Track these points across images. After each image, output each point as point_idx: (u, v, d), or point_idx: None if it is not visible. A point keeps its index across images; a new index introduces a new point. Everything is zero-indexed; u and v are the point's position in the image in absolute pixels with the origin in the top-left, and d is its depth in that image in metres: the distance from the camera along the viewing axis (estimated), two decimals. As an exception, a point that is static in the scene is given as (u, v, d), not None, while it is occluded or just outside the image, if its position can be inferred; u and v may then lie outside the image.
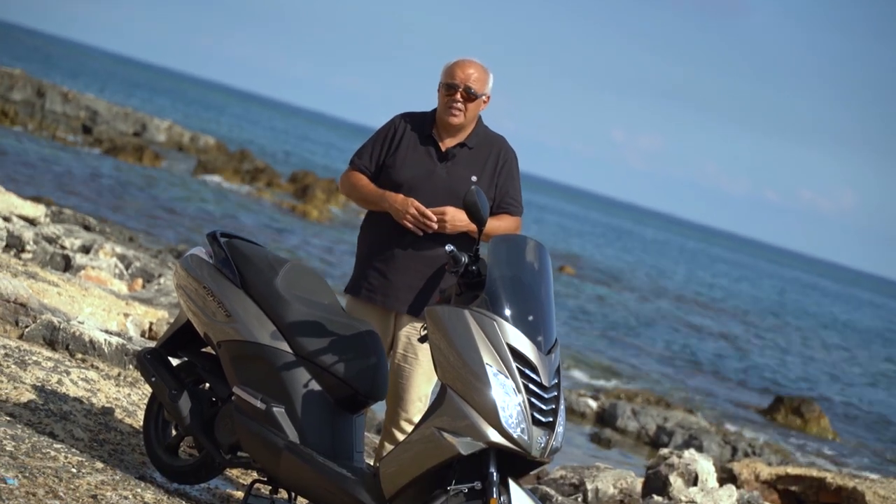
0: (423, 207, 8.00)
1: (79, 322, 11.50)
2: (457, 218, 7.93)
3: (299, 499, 7.87)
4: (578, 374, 27.48)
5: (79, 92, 64.58)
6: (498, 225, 8.09)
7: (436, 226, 7.98)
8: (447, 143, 8.25)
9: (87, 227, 23.52)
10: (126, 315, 13.19)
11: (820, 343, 56.58)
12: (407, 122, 8.33)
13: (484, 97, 8.23)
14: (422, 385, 8.08)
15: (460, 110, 8.15)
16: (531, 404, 7.10)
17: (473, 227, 7.57)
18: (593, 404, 22.97)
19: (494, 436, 7.03)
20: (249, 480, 8.18)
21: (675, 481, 11.97)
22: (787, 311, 75.35)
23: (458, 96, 8.13)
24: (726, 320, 54.14)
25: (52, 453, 7.76)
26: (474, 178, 8.07)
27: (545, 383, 7.17)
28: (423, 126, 8.29)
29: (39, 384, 9.38)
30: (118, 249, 18.84)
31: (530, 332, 7.19)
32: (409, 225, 8.03)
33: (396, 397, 8.20)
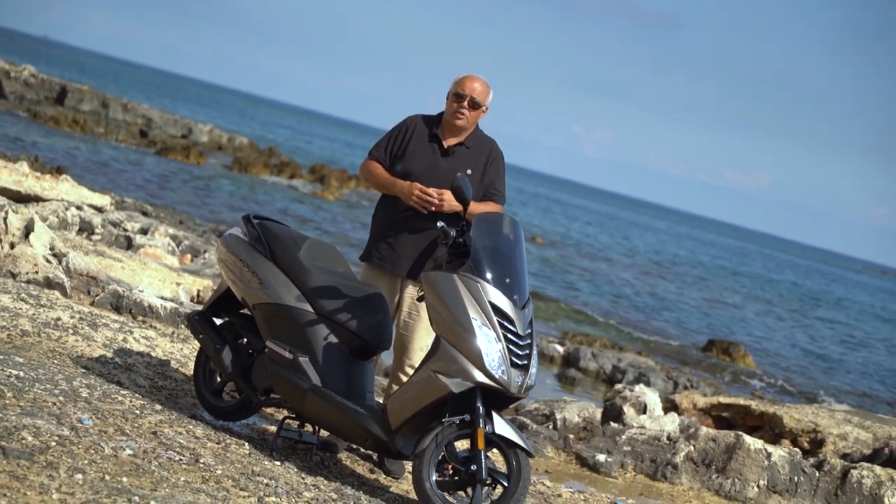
0: (426, 188, 8.04)
1: (139, 290, 11.49)
2: (453, 199, 7.95)
3: (322, 431, 7.87)
4: (547, 324, 27.50)
5: (136, 103, 64.50)
6: (484, 209, 8.12)
7: (436, 202, 8.02)
8: (449, 142, 8.30)
9: (144, 213, 23.49)
10: (178, 284, 13.18)
11: (741, 295, 56.67)
12: (417, 122, 8.40)
13: (484, 108, 8.31)
14: (423, 337, 8.09)
15: (464, 116, 8.22)
16: (509, 350, 7.13)
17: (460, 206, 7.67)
18: (560, 349, 22.97)
19: (480, 377, 7.07)
20: (281, 417, 8.18)
21: (628, 411, 11.97)
22: (711, 270, 75.35)
23: (465, 104, 8.21)
24: (667, 279, 54.19)
25: (120, 398, 7.75)
26: (469, 171, 8.11)
27: (520, 333, 7.22)
28: (430, 126, 8.36)
29: (108, 342, 9.37)
30: (170, 231, 18.80)
31: (507, 291, 7.24)
32: (414, 204, 8.07)
33: (402, 347, 8.22)
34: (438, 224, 7.49)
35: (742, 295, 57.07)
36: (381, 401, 7.92)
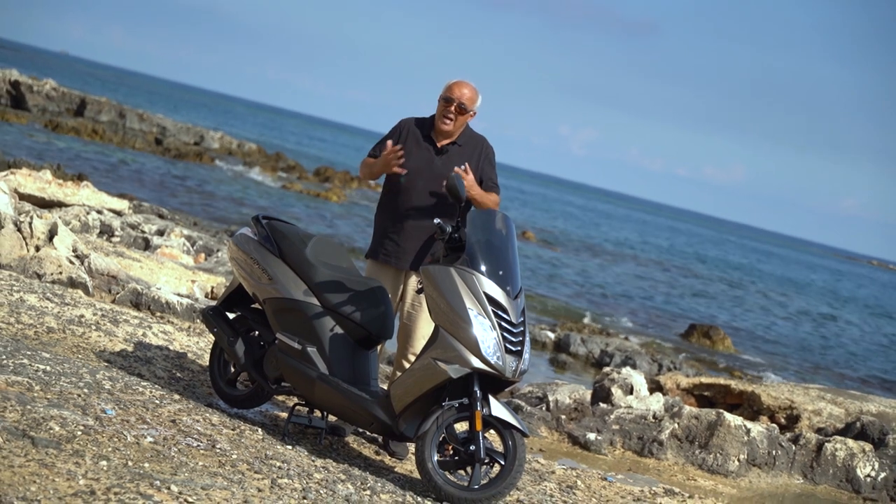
0: (387, 158, 8.12)
1: (157, 288, 11.49)
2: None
3: (330, 416, 7.87)
4: (539, 313, 27.50)
5: (151, 112, 64.48)
6: (489, 198, 8.13)
7: (399, 158, 8.08)
8: (442, 142, 8.28)
9: (160, 216, 23.47)
10: (193, 281, 13.18)
11: (718, 281, 56.70)
12: (410, 124, 8.38)
13: (472, 112, 8.28)
14: (425, 326, 8.08)
15: (451, 120, 8.19)
16: (504, 338, 7.14)
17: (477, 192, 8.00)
18: (551, 335, 22.97)
19: (477, 363, 7.07)
20: (291, 404, 8.17)
21: (616, 392, 11.98)
22: (693, 258, 75.39)
23: (453, 108, 8.18)
24: (649, 267, 54.22)
25: (140, 389, 7.75)
26: (463, 167, 8.09)
27: (514, 321, 7.22)
28: (424, 128, 8.33)
29: (128, 337, 9.37)
30: (185, 231, 18.79)
31: (501, 282, 7.24)
32: (392, 165, 8.10)
33: (406, 336, 8.21)
34: (435, 221, 7.48)
35: (719, 281, 57.09)
36: (384, 387, 7.92)
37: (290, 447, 7.43)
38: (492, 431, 7.35)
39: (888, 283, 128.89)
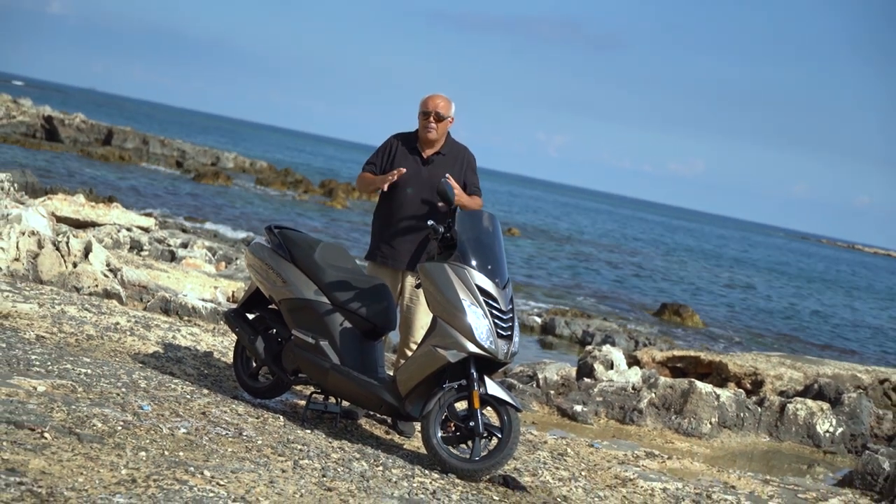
0: (385, 176, 8.09)
1: (183, 295, 11.48)
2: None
3: (343, 402, 7.86)
4: (527, 300, 27.48)
5: (172, 138, 64.43)
6: (472, 201, 8.12)
7: (392, 177, 8.03)
8: (427, 153, 8.26)
9: (184, 230, 23.48)
10: (215, 287, 13.17)
11: (684, 264, 56.73)
12: (399, 139, 8.36)
13: (449, 119, 8.26)
14: (423, 318, 8.06)
15: (433, 129, 8.18)
16: (495, 324, 7.15)
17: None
18: (538, 319, 22.96)
19: (472, 347, 7.08)
20: (308, 393, 8.17)
21: (598, 367, 11.97)
22: (658, 245, 75.44)
23: (432, 119, 8.17)
24: (621, 255, 54.25)
25: (173, 386, 7.74)
26: (448, 176, 8.08)
27: (504, 309, 7.23)
28: (410, 142, 8.31)
29: (160, 340, 9.35)
30: (206, 243, 18.79)
31: (490, 275, 7.25)
32: (386, 185, 8.07)
33: (406, 327, 8.20)
34: (429, 223, 7.53)
35: (685, 264, 57.12)
36: (390, 373, 7.91)
37: (308, 431, 7.43)
38: (489, 408, 7.36)
39: (837, 258, 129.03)
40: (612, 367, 12.03)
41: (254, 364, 8.24)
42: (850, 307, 48.17)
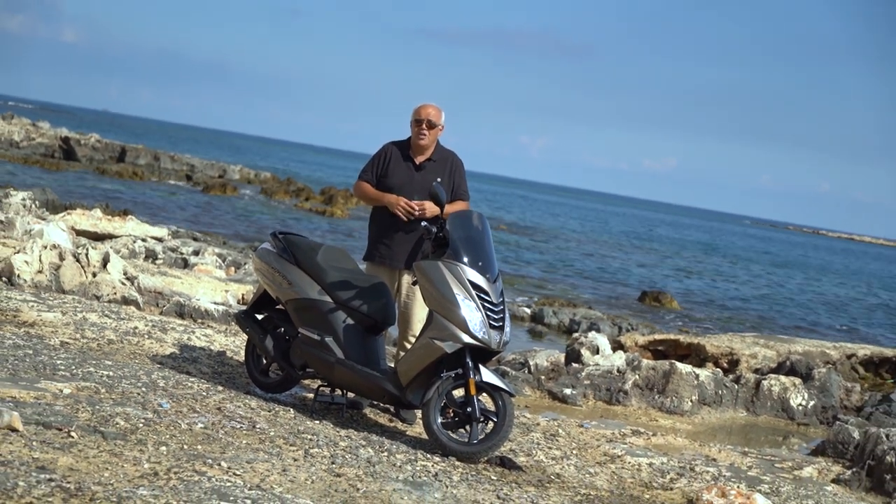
0: (410, 202, 8.02)
1: (197, 299, 11.46)
2: (430, 209, 7.95)
3: (349, 393, 7.86)
4: (516, 292, 27.47)
5: (181, 154, 64.35)
6: (457, 207, 8.10)
7: (418, 213, 8.02)
8: (419, 159, 8.25)
9: (195, 239, 23.42)
10: (226, 291, 13.14)
11: (659, 253, 56.75)
12: (392, 148, 8.35)
13: (440, 126, 8.26)
14: (420, 312, 8.06)
15: (425, 135, 8.17)
16: (487, 316, 7.16)
17: (438, 210, 7.69)
18: (527, 310, 22.92)
19: (467, 338, 7.09)
20: (316, 386, 8.16)
21: (585, 353, 11.97)
22: (636, 237, 75.48)
23: (424, 126, 8.16)
24: (602, 247, 54.28)
25: (189, 384, 7.72)
26: (438, 180, 8.07)
27: (495, 301, 7.24)
28: (403, 149, 8.30)
29: (176, 341, 9.34)
30: (217, 250, 18.74)
31: (481, 270, 7.26)
32: (400, 213, 8.05)
33: (404, 321, 8.20)
34: (422, 224, 7.55)
35: (662, 253, 57.16)
36: (392, 365, 7.91)
37: (317, 422, 7.42)
38: (484, 395, 7.35)
39: (803, 243, 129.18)
40: (598, 353, 12.03)
41: (264, 361, 8.23)
42: (816, 288, 48.21)
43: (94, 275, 11.15)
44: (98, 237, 17.22)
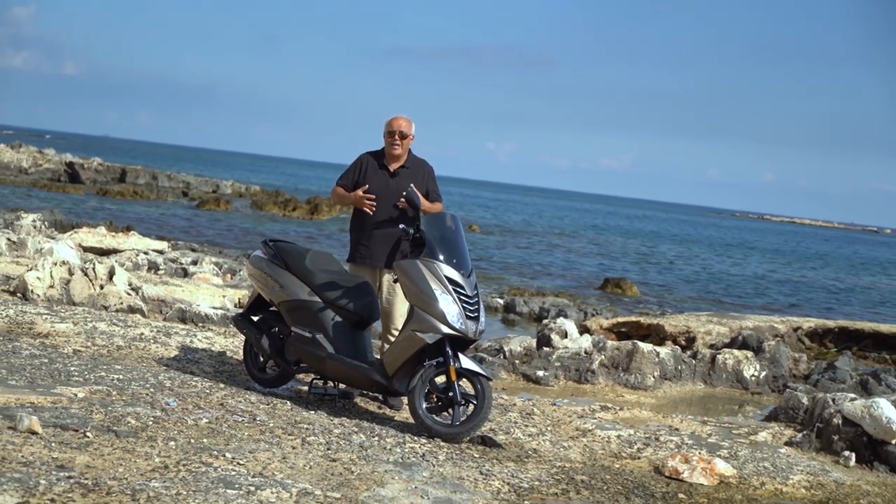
0: (363, 194, 8.03)
1: (197, 305, 11.42)
2: (427, 206, 7.97)
3: (340, 385, 7.85)
4: (490, 285, 27.48)
5: (177, 172, 64.14)
6: (435, 207, 8.10)
7: (370, 204, 8.00)
8: (394, 167, 8.23)
9: (193, 249, 23.35)
10: (224, 296, 13.11)
11: (624, 244, 56.87)
12: (368, 157, 8.31)
13: (411, 136, 8.24)
14: (401, 307, 8.05)
15: (398, 146, 8.15)
16: (464, 308, 7.16)
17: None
18: (500, 301, 22.91)
19: (446, 329, 7.09)
20: (310, 379, 8.14)
21: (555, 337, 11.99)
22: (597, 230, 75.60)
23: (397, 137, 8.14)
24: (566, 240, 54.33)
25: (193, 383, 7.70)
26: (412, 186, 8.05)
27: (470, 294, 7.24)
28: (378, 158, 8.28)
29: (180, 345, 9.31)
30: (213, 259, 18.69)
31: (456, 267, 7.27)
32: (366, 207, 8.03)
33: (387, 316, 8.17)
34: (400, 226, 7.54)
35: (621, 243, 57.27)
36: (378, 357, 7.90)
37: (312, 412, 7.41)
38: (464, 380, 7.36)
39: (749, 227, 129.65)
40: (566, 336, 12.06)
41: (261, 359, 8.21)
42: (761, 267, 48.38)
43: (102, 287, 11.10)
44: (104, 252, 17.14)
